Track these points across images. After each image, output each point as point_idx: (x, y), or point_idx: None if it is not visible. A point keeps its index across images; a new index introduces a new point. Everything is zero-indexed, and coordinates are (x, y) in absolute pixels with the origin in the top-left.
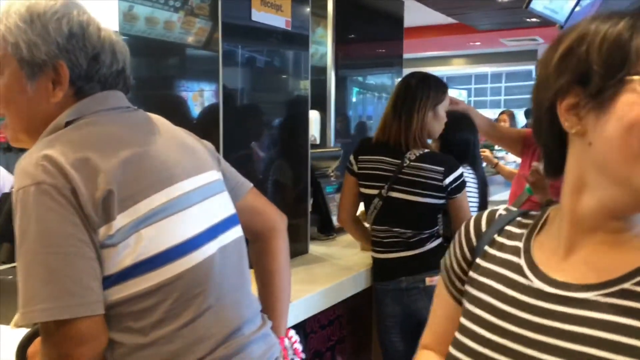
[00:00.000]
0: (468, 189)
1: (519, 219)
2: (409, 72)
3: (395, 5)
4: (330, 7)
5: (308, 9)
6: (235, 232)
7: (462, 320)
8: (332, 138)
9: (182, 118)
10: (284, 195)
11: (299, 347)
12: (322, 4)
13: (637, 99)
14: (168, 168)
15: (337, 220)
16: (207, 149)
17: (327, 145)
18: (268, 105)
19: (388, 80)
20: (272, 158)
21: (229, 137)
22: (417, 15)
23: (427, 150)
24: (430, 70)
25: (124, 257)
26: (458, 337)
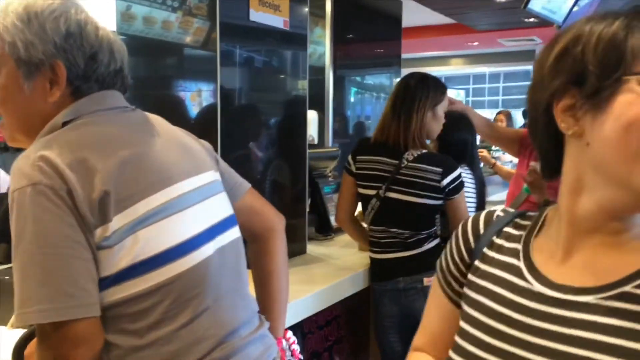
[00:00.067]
0: (466, 189)
1: (517, 220)
2: (408, 72)
3: (394, 5)
4: (329, 7)
5: (306, 9)
6: (233, 233)
7: (461, 324)
8: (330, 138)
9: (180, 118)
10: (282, 195)
11: (297, 348)
12: (320, 4)
13: (634, 99)
14: (166, 169)
15: (335, 220)
16: (205, 149)
17: (325, 145)
18: (266, 105)
19: (386, 80)
20: (270, 158)
21: (227, 137)
22: (415, 15)
23: (425, 151)
24: (429, 70)
25: (120, 258)
26: (458, 341)
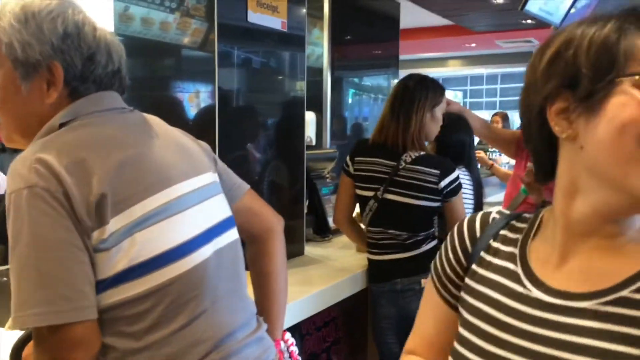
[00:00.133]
0: (463, 191)
1: (513, 223)
2: (405, 73)
3: (392, 7)
4: (327, 8)
5: (304, 10)
6: (231, 235)
7: (460, 331)
8: (328, 139)
9: (177, 119)
10: (280, 197)
11: (295, 349)
12: (318, 5)
13: (627, 100)
14: (164, 170)
15: (332, 222)
16: (203, 150)
17: (323, 147)
18: (264, 107)
19: (384, 82)
20: (268, 159)
21: (225, 138)
22: (413, 17)
23: (423, 153)
24: (426, 72)
25: (117, 261)
26: (457, 347)
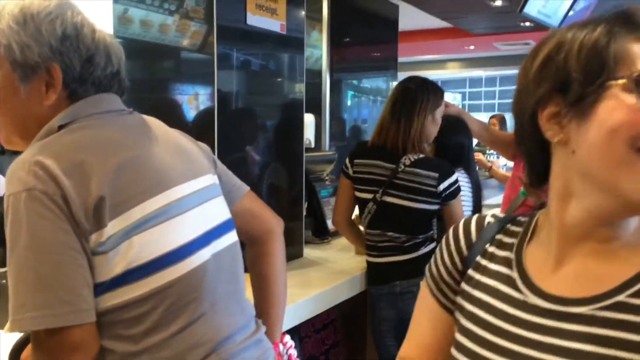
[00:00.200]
0: (462, 193)
1: (508, 227)
2: (404, 75)
3: (390, 9)
4: (326, 10)
5: (303, 13)
6: (230, 237)
7: (457, 337)
8: (327, 141)
9: (177, 121)
10: (279, 199)
11: (294, 352)
12: (317, 8)
13: (617, 104)
14: (163, 172)
15: (331, 223)
16: (203, 152)
17: (322, 149)
18: (263, 109)
19: (383, 84)
20: (267, 161)
21: (224, 140)
22: (412, 19)
23: (422, 156)
24: (425, 74)
25: (115, 264)
26: (454, 354)
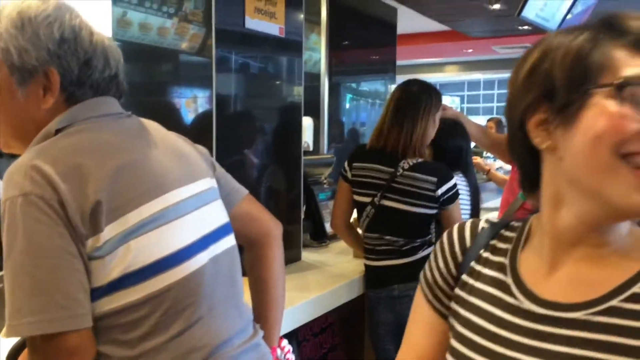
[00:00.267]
0: (460, 197)
1: (502, 232)
2: (403, 79)
3: (389, 12)
4: (324, 13)
5: (302, 16)
6: (228, 241)
7: (452, 343)
8: (325, 145)
9: (175, 124)
10: (277, 202)
11: (292, 356)
12: (315, 11)
13: (601, 111)
14: (161, 176)
15: (330, 226)
16: (201, 155)
17: (320, 152)
18: (261, 112)
19: (381, 87)
20: (265, 164)
21: (222, 143)
22: (410, 22)
23: (420, 160)
24: (424, 77)
25: (112, 268)
26: None
